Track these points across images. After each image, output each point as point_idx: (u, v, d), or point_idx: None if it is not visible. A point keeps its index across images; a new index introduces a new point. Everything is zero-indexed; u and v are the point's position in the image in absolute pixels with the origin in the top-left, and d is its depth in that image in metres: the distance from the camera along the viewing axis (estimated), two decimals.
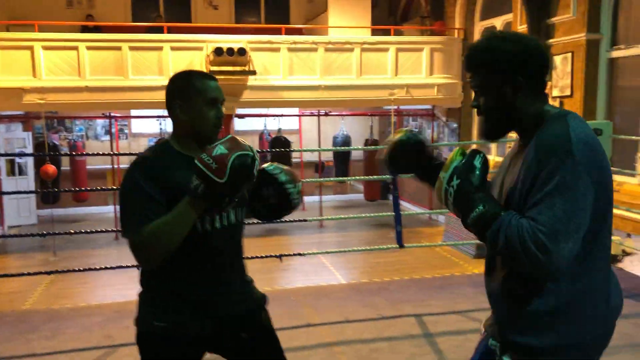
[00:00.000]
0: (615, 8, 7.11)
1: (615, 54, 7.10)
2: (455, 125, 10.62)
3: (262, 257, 4.95)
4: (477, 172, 1.50)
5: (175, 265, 1.80)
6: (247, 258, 4.58)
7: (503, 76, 1.52)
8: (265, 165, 1.97)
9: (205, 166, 1.62)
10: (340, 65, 9.52)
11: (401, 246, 4.65)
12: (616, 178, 6.35)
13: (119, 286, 7.37)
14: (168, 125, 11.56)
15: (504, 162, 1.70)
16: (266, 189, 1.93)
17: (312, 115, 11.49)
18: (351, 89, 9.56)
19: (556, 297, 1.46)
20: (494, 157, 9.75)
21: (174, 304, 1.85)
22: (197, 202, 1.68)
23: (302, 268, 8.32)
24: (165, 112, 1.89)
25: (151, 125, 12.01)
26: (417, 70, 9.84)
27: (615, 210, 1.96)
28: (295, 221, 5.70)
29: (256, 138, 12.18)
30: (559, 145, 1.40)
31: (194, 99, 1.80)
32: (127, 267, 4.85)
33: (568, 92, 7.48)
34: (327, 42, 9.47)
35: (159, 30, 9.47)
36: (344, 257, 8.68)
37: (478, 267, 7.89)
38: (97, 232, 4.89)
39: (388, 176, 12.77)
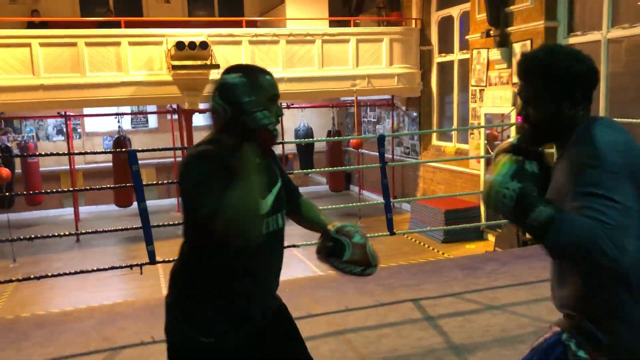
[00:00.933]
0: None
1: (572, 40, 7.40)
2: (415, 114, 10.81)
3: None
4: (534, 176, 1.55)
5: (229, 271, 1.72)
6: None
7: (563, 93, 1.55)
8: (347, 232, 1.89)
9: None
10: (302, 57, 9.52)
11: (392, 233, 4.75)
12: None
13: (90, 289, 7.16)
14: (125, 123, 11.26)
15: None
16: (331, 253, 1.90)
17: None
18: (314, 80, 9.58)
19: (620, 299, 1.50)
20: (455, 144, 10.00)
21: (223, 316, 1.76)
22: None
23: None
24: (123, 109, 1.76)
25: (105, 124, 11.67)
26: (377, 60, 9.96)
27: None
28: None
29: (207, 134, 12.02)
30: (589, 158, 1.45)
31: (258, 94, 1.72)
32: (94, 271, 4.68)
33: None
34: (288, 35, 9.45)
35: (114, 25, 9.19)
36: (314, 248, 8.70)
37: (448, 251, 8.11)
38: (68, 234, 4.67)
39: (351, 167, 12.79)
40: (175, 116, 10.85)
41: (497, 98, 8.35)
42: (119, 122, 10.01)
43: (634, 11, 6.59)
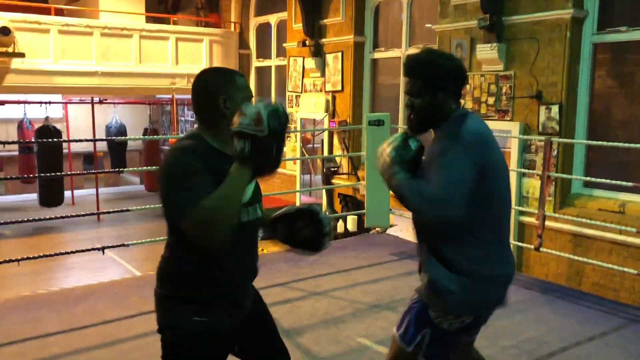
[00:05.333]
0: (375, 15, 8.28)
1: (377, 55, 8.27)
2: None
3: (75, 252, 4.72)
4: (412, 150, 1.92)
5: (217, 257, 1.80)
6: (33, 258, 4.25)
7: (439, 85, 1.91)
8: (315, 209, 2.00)
9: (243, 126, 1.62)
10: (118, 51, 9.18)
11: None
12: None
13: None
14: None
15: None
16: (307, 229, 1.98)
17: (82, 102, 10.80)
18: (131, 76, 9.30)
19: (461, 263, 1.91)
20: None
21: (212, 298, 1.84)
22: (246, 165, 1.65)
23: (89, 265, 7.93)
24: None
25: None
26: (197, 60, 9.99)
27: None
28: (68, 217, 5.44)
29: (13, 127, 10.98)
30: (452, 133, 1.87)
31: (236, 95, 1.82)
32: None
33: (339, 87, 8.46)
34: (103, 27, 9.04)
35: None
36: (133, 250, 8.46)
37: (267, 247, 8.45)
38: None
39: None
40: None
41: (312, 104, 8.96)
42: None
43: (426, 34, 7.60)
